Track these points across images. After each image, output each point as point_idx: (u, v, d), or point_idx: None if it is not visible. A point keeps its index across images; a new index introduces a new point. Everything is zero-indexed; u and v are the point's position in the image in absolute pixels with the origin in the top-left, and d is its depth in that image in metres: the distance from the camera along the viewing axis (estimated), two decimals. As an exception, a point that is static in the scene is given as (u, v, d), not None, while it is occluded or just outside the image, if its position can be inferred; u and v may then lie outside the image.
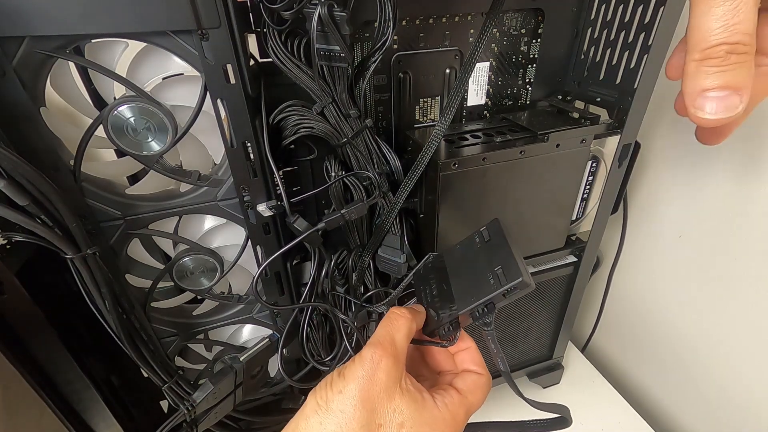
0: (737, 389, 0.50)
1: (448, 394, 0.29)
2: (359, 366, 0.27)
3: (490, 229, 0.32)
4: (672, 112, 0.50)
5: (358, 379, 0.26)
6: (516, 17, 0.41)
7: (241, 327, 0.46)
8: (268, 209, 0.35)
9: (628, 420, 0.58)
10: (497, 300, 0.29)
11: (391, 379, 0.27)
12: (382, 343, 0.28)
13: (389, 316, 0.30)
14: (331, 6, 0.27)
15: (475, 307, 0.29)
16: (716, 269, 0.49)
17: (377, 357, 0.27)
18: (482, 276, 0.30)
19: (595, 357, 0.70)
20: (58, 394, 0.39)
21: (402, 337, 0.29)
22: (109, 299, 0.32)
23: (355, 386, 0.26)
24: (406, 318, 0.30)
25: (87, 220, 0.32)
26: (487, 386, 0.31)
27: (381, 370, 0.27)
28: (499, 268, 0.29)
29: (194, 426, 0.39)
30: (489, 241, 0.31)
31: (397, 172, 0.39)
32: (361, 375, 0.27)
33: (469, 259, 0.32)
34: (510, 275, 0.28)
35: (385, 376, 0.27)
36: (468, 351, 0.33)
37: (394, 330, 0.29)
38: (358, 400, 0.26)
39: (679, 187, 0.51)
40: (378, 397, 0.26)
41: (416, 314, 0.31)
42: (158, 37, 0.28)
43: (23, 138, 0.28)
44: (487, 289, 0.29)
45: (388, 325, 0.30)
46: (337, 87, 0.32)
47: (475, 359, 0.32)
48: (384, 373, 0.27)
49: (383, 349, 0.28)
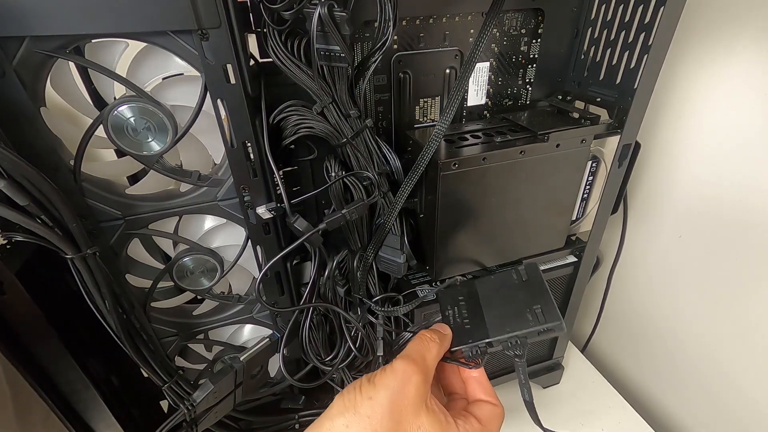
0: (737, 389, 0.50)
1: (469, 422, 0.30)
2: (391, 376, 0.28)
3: (529, 270, 0.35)
4: (672, 112, 0.50)
5: (388, 389, 0.27)
6: (516, 17, 0.41)
7: (241, 327, 0.46)
8: (267, 211, 0.35)
9: (628, 420, 0.58)
10: (532, 336, 0.31)
11: (419, 396, 0.27)
12: (415, 359, 0.29)
13: (421, 337, 0.31)
14: (331, 6, 0.27)
15: (511, 337, 0.31)
16: (716, 269, 0.49)
17: (410, 371, 0.28)
18: (519, 311, 0.32)
19: (595, 357, 0.70)
20: (58, 394, 0.39)
21: (431, 358, 0.30)
22: (109, 299, 0.32)
23: (385, 395, 0.27)
24: (436, 342, 0.31)
25: (87, 220, 0.32)
26: (501, 417, 0.32)
27: (411, 384, 0.27)
28: (539, 308, 0.32)
29: (194, 425, 0.39)
30: (527, 281, 0.35)
31: (397, 172, 0.39)
32: (392, 385, 0.27)
33: (504, 292, 0.35)
34: (550, 317, 0.31)
35: (414, 391, 0.27)
36: (478, 380, 0.33)
37: (425, 350, 0.30)
38: (387, 409, 0.26)
39: (679, 187, 0.51)
40: (405, 410, 0.27)
41: (444, 339, 0.32)
42: (158, 37, 0.27)
43: (23, 138, 0.28)
44: (524, 324, 0.31)
45: (420, 344, 0.31)
46: (337, 87, 0.32)
47: (486, 389, 0.33)
48: (414, 388, 0.27)
49: (416, 365, 0.28)
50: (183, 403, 0.38)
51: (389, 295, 0.43)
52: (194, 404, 0.38)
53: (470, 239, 0.41)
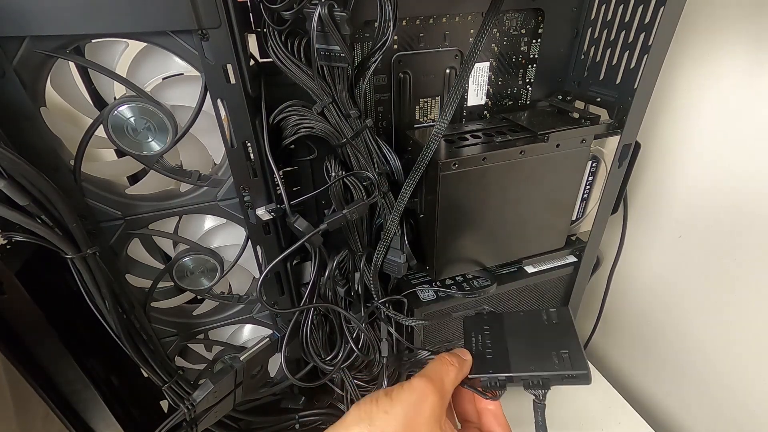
0: (737, 389, 0.50)
1: None
2: (408, 392, 0.28)
3: (560, 314, 0.35)
4: (672, 112, 0.50)
5: (405, 405, 0.27)
6: (516, 17, 0.41)
7: (241, 327, 0.46)
8: (267, 213, 0.35)
9: (628, 420, 0.58)
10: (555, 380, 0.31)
11: (434, 416, 0.27)
12: (434, 380, 0.29)
13: (441, 359, 0.31)
14: (331, 6, 0.27)
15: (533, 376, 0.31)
16: (716, 270, 0.49)
17: (428, 390, 0.28)
18: (545, 352, 0.32)
19: (595, 357, 0.70)
20: (58, 393, 0.39)
21: (449, 382, 0.30)
22: (109, 299, 0.32)
23: (401, 410, 0.27)
24: (455, 366, 0.31)
25: (87, 220, 0.32)
26: None
27: (428, 403, 0.27)
28: (566, 353, 0.31)
29: (194, 425, 0.39)
30: (556, 324, 0.34)
31: (397, 172, 0.39)
32: (409, 401, 0.27)
33: (531, 331, 0.35)
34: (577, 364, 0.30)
35: (430, 411, 0.27)
36: (494, 413, 0.33)
37: (444, 372, 0.30)
38: (402, 424, 0.26)
39: (679, 187, 0.51)
40: (419, 429, 0.27)
41: (463, 364, 0.32)
42: (158, 37, 0.27)
43: (23, 138, 0.28)
44: (549, 366, 0.31)
45: (440, 365, 0.31)
46: (337, 87, 0.32)
47: (501, 423, 0.33)
48: (429, 407, 0.27)
49: (434, 385, 0.28)
50: (183, 403, 0.38)
51: (393, 298, 0.43)
52: (194, 404, 0.38)
53: (470, 239, 0.41)
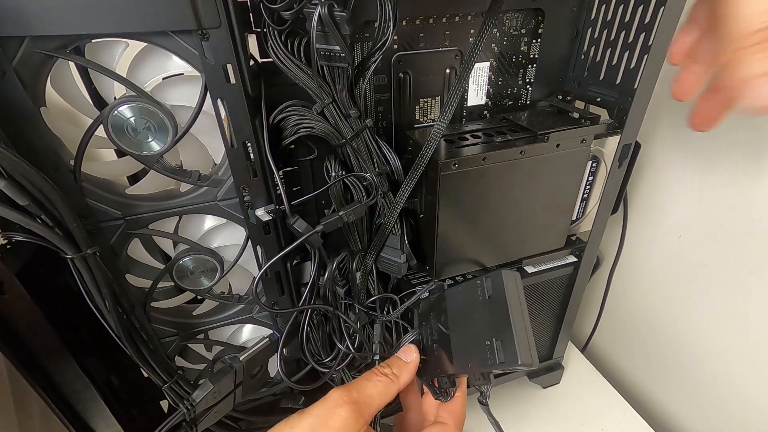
0: (738, 389, 0.50)
1: None
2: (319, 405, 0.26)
3: (494, 283, 0.28)
4: (672, 112, 0.50)
5: (312, 417, 0.25)
6: (516, 17, 0.41)
7: (241, 327, 0.46)
8: (267, 213, 0.35)
9: (628, 420, 0.58)
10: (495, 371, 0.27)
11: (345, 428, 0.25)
12: (350, 391, 0.27)
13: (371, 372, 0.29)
14: (331, 6, 0.27)
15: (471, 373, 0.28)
16: (716, 270, 0.49)
17: (340, 401, 0.26)
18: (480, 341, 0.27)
19: (595, 357, 0.70)
20: (58, 394, 0.39)
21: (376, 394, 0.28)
22: (109, 299, 0.32)
23: (306, 425, 0.25)
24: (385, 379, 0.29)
25: (87, 220, 0.32)
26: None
27: (337, 416, 0.25)
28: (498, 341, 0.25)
29: (194, 425, 0.39)
30: (491, 298, 0.27)
31: (397, 172, 0.39)
32: (317, 414, 0.25)
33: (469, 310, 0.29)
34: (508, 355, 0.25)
35: (341, 422, 0.25)
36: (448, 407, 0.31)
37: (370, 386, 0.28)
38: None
39: (679, 187, 0.51)
40: None
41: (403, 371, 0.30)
42: (158, 37, 0.27)
43: (23, 138, 0.28)
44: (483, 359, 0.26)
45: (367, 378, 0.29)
46: (337, 87, 0.32)
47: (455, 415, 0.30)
48: (339, 421, 0.25)
49: (349, 397, 0.26)
50: (183, 403, 0.38)
51: (387, 296, 0.43)
52: (194, 404, 0.38)
53: (470, 239, 0.41)
